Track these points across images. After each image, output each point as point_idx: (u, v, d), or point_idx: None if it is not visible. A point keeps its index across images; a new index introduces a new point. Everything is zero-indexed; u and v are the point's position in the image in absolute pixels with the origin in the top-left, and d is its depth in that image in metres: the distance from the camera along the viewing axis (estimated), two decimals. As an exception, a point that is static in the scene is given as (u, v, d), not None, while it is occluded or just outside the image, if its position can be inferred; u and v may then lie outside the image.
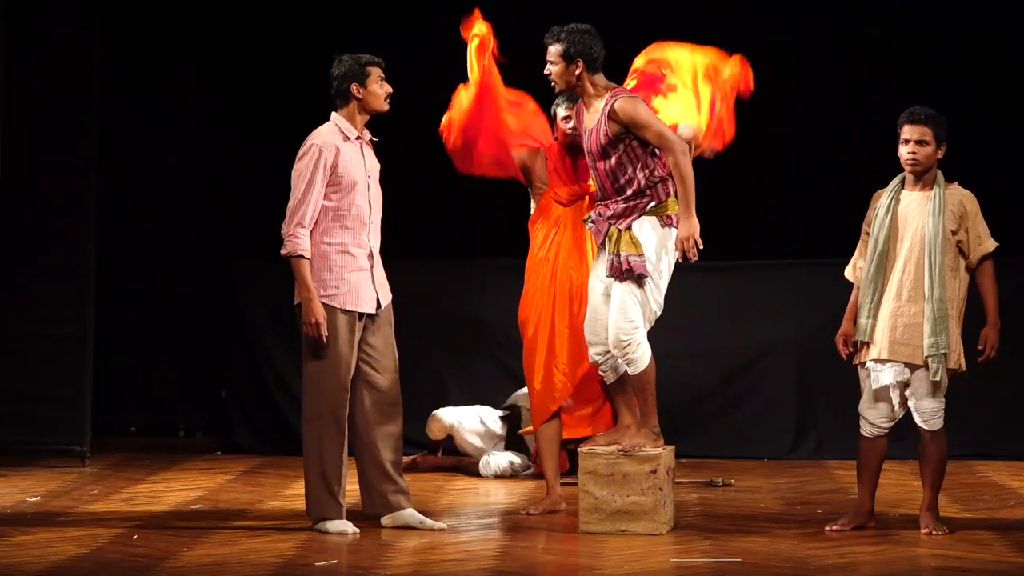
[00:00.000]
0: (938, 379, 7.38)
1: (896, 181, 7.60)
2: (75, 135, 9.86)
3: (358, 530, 7.45)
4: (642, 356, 7.55)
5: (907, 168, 7.52)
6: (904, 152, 7.51)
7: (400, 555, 7.04)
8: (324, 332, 7.37)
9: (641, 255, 7.48)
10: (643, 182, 7.54)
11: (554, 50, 7.57)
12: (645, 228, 7.54)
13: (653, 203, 7.56)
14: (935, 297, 7.38)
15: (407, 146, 10.11)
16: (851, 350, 7.60)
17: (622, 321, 7.53)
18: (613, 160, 7.53)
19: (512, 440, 9.81)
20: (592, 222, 7.64)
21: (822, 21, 11.10)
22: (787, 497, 8.78)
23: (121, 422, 11.23)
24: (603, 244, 7.59)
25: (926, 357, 7.38)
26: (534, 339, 8.09)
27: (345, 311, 7.45)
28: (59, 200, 9.86)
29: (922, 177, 7.53)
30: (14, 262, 9.87)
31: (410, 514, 7.59)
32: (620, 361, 7.61)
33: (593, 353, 7.71)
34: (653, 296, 7.57)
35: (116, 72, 10.73)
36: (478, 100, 7.99)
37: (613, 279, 7.53)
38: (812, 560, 6.89)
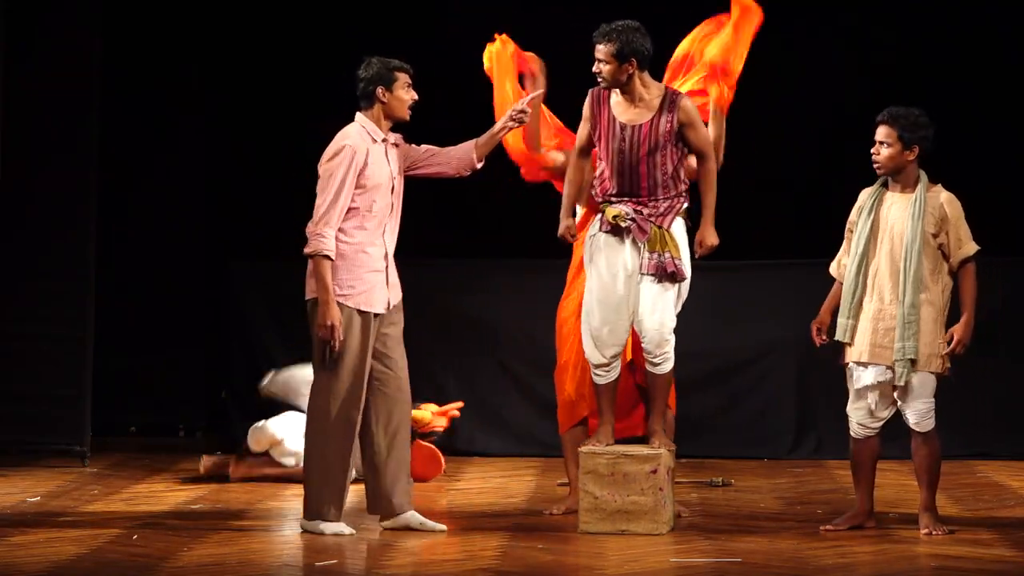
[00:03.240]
0: (903, 383, 7.40)
1: (879, 183, 7.61)
2: (75, 135, 9.85)
3: (354, 531, 7.45)
4: (673, 354, 7.67)
5: (875, 169, 7.56)
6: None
7: (400, 555, 7.05)
8: (339, 336, 7.37)
9: (681, 258, 7.58)
10: (681, 184, 7.65)
11: (605, 49, 7.54)
12: (680, 229, 7.67)
13: (685, 205, 7.69)
14: (907, 302, 7.39)
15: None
16: (824, 339, 7.64)
17: (669, 319, 7.63)
18: (658, 159, 7.57)
19: None
20: (632, 219, 7.63)
21: (822, 21, 11.09)
22: (787, 497, 8.79)
23: (121, 422, 11.23)
24: (645, 242, 7.60)
25: (894, 361, 7.40)
26: (572, 341, 8.02)
27: (360, 312, 7.46)
28: (59, 200, 9.85)
29: (900, 178, 7.53)
30: (14, 262, 9.86)
31: (411, 516, 7.58)
32: (656, 359, 7.64)
33: (609, 356, 7.68)
34: (683, 295, 7.71)
35: (116, 72, 10.73)
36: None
37: (651, 277, 7.57)
38: (812, 560, 6.89)
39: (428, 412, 9.61)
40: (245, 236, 11.36)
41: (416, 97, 7.59)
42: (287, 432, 9.28)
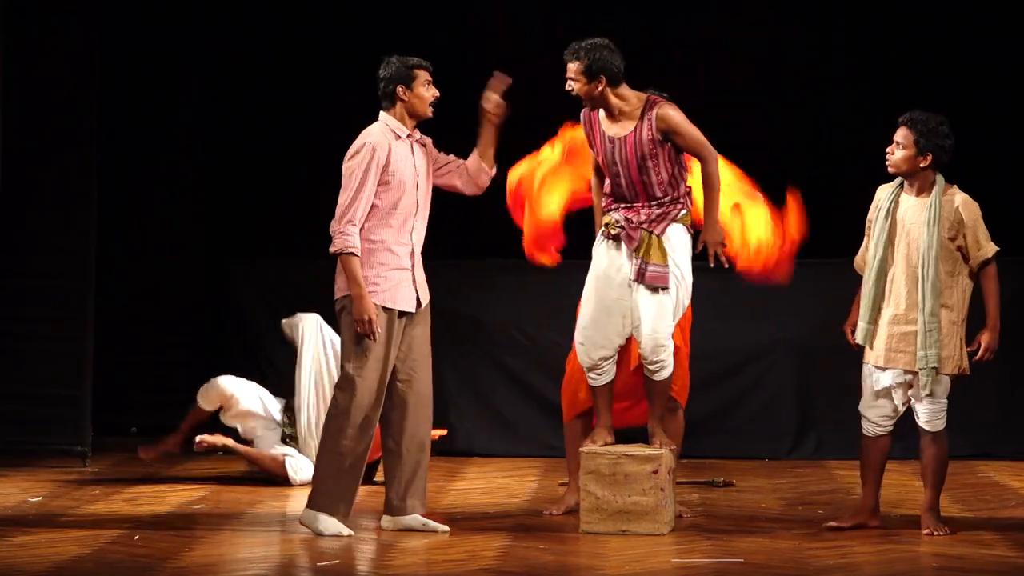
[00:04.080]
0: (928, 392, 7.40)
1: (896, 183, 7.60)
2: (75, 135, 9.84)
3: (352, 533, 7.43)
4: (671, 360, 7.66)
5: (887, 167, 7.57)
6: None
7: (402, 555, 7.05)
8: (377, 328, 7.36)
9: (666, 266, 7.57)
10: (679, 189, 7.66)
11: (574, 68, 7.60)
12: (678, 234, 7.68)
13: (684, 211, 7.69)
14: (927, 310, 7.39)
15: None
16: (858, 341, 7.62)
17: (663, 326, 7.63)
18: (650, 167, 7.61)
19: (287, 435, 9.34)
20: (621, 227, 7.65)
21: (823, 21, 11.08)
22: (788, 497, 8.79)
23: (122, 422, 11.20)
24: (635, 249, 7.61)
25: (918, 369, 7.40)
26: None
27: (385, 308, 7.44)
28: (59, 200, 9.83)
29: (914, 182, 7.52)
30: (14, 262, 9.84)
31: (413, 518, 7.58)
32: (652, 366, 7.64)
33: (597, 357, 7.69)
34: (682, 301, 7.69)
35: (116, 72, 10.72)
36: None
37: (639, 284, 7.58)
38: (813, 560, 6.90)
39: None
40: (245, 236, 11.35)
41: (437, 94, 7.57)
42: (238, 389, 9.22)
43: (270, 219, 11.28)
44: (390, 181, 7.43)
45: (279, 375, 10.65)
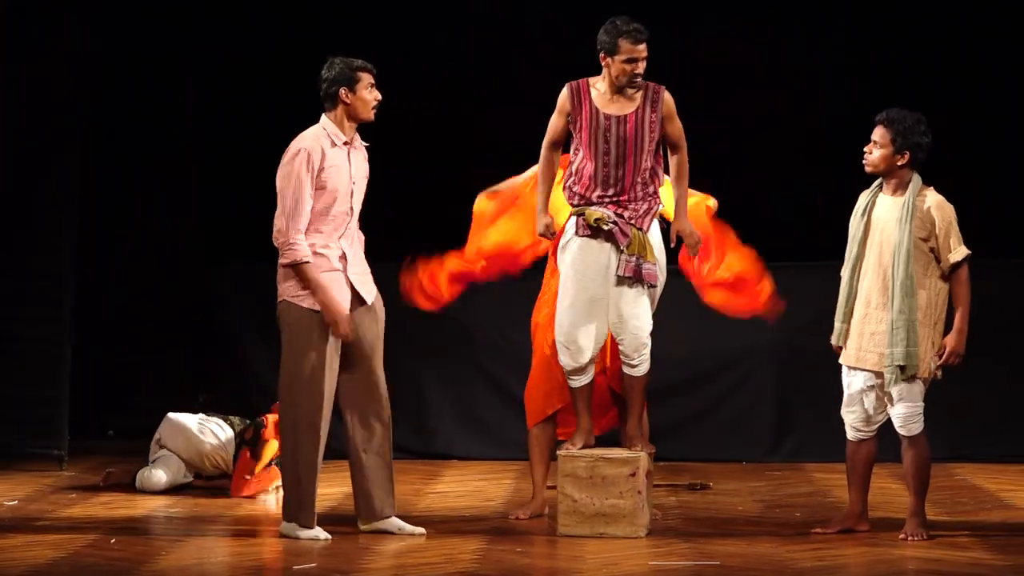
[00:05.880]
0: (890, 390, 7.39)
1: (876, 184, 7.61)
2: (74, 135, 9.82)
3: (330, 536, 7.42)
4: (649, 356, 7.67)
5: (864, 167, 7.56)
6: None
7: (379, 558, 7.05)
8: (348, 328, 7.34)
9: (655, 263, 7.57)
10: (657, 181, 7.66)
11: (646, 48, 7.58)
12: (656, 230, 7.69)
13: (661, 205, 7.69)
14: (895, 308, 7.38)
15: (387, 147, 10.06)
16: (842, 345, 7.63)
17: (646, 323, 7.64)
18: (646, 151, 7.58)
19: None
20: (613, 222, 7.60)
21: (819, 22, 11.08)
22: (765, 500, 8.80)
23: (101, 425, 11.17)
24: (627, 245, 7.59)
25: (884, 367, 7.39)
26: (543, 342, 8.02)
27: (315, 311, 7.40)
28: (40, 202, 9.81)
29: (892, 181, 7.52)
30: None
31: (389, 521, 7.56)
32: (634, 362, 7.64)
33: (582, 360, 7.66)
34: (656, 297, 7.72)
35: (115, 72, 10.72)
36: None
37: (628, 280, 7.58)
38: (790, 563, 6.90)
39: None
40: (227, 239, 11.32)
41: (380, 97, 7.52)
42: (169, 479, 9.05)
43: (253, 222, 11.23)
44: (324, 187, 7.38)
45: (257, 379, 10.65)
